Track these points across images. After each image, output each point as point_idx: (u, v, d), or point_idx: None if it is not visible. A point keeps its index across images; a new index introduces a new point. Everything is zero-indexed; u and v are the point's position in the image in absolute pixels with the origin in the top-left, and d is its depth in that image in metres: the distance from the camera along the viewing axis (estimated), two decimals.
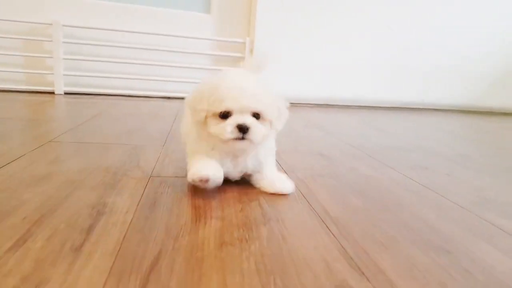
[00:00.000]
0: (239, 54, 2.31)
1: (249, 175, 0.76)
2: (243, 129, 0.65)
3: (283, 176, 0.76)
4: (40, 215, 0.57)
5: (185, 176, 0.77)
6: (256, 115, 0.68)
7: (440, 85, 2.71)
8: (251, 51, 2.30)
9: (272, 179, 0.74)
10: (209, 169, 0.68)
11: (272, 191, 0.73)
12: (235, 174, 0.75)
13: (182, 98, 2.46)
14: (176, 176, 0.80)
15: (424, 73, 2.65)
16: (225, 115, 0.67)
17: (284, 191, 0.73)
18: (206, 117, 0.68)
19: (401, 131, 1.71)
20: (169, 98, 2.29)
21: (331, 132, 1.52)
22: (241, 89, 0.67)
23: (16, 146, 0.96)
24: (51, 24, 2.04)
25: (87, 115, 1.52)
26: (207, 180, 0.67)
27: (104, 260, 0.46)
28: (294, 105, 2.14)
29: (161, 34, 2.20)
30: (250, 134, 0.66)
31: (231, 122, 0.66)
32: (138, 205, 0.63)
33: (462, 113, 2.70)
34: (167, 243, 0.51)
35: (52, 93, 2.12)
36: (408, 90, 2.67)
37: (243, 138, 0.66)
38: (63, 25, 2.06)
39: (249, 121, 0.66)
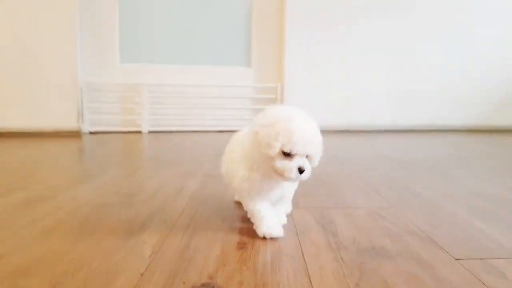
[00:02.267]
0: (273, 96, 3.02)
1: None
2: (301, 171, 0.75)
3: (283, 219, 0.91)
4: (155, 191, 1.28)
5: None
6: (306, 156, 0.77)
7: (445, 107, 3.18)
8: (282, 92, 3.00)
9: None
10: (278, 227, 0.84)
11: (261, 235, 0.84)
12: (277, 198, 0.87)
13: (232, 131, 3.20)
14: None
15: (431, 99, 3.15)
16: (288, 154, 0.74)
17: (274, 236, 0.83)
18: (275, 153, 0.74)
19: (380, 147, 2.27)
20: (222, 131, 3.04)
21: (330, 149, 2.14)
22: (309, 137, 0.75)
23: (135, 164, 1.72)
24: (139, 84, 2.91)
25: (167, 145, 2.29)
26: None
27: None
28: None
29: (216, 85, 2.98)
30: (304, 175, 0.76)
31: (295, 164, 0.74)
32: (201, 184, 1.32)
33: (467, 132, 3.13)
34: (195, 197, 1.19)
35: (140, 132, 2.96)
36: (415, 115, 3.17)
37: (300, 176, 0.75)
38: (147, 84, 2.92)
39: (307, 164, 0.76)
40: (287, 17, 2.95)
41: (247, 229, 0.89)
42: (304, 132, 0.75)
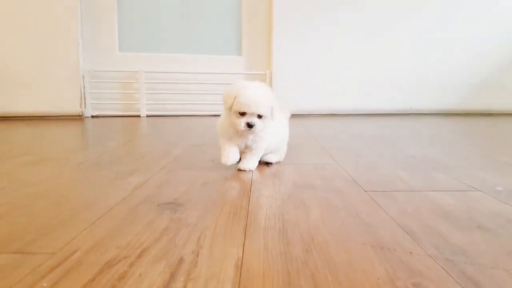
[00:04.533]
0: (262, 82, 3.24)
1: (248, 147, 1.18)
2: (250, 125, 1.06)
3: (252, 160, 1.19)
4: (144, 154, 1.51)
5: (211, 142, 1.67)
6: (259, 116, 1.07)
7: (424, 93, 3.39)
8: (271, 79, 3.23)
9: (244, 160, 1.19)
10: (232, 157, 1.14)
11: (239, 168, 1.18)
12: (242, 145, 1.17)
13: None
14: (208, 145, 1.71)
15: (410, 85, 3.36)
16: (242, 113, 1.06)
17: (243, 169, 1.18)
18: (230, 109, 1.07)
19: (354, 127, 2.49)
20: (215, 115, 3.27)
21: (308, 128, 2.37)
22: (253, 100, 1.04)
23: (131, 137, 1.96)
24: (137, 71, 3.15)
25: (162, 126, 2.52)
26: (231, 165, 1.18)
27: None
28: (301, 116, 2.99)
29: (209, 73, 3.21)
30: (254, 128, 1.06)
31: (243, 120, 1.06)
32: (184, 151, 1.55)
33: (443, 116, 3.33)
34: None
35: (139, 116, 3.20)
36: (396, 100, 3.38)
37: (250, 129, 1.06)
38: (145, 72, 3.15)
39: (255, 120, 1.06)
40: (274, 7, 3.16)
41: (214, 176, 1.13)
42: (249, 97, 1.05)
